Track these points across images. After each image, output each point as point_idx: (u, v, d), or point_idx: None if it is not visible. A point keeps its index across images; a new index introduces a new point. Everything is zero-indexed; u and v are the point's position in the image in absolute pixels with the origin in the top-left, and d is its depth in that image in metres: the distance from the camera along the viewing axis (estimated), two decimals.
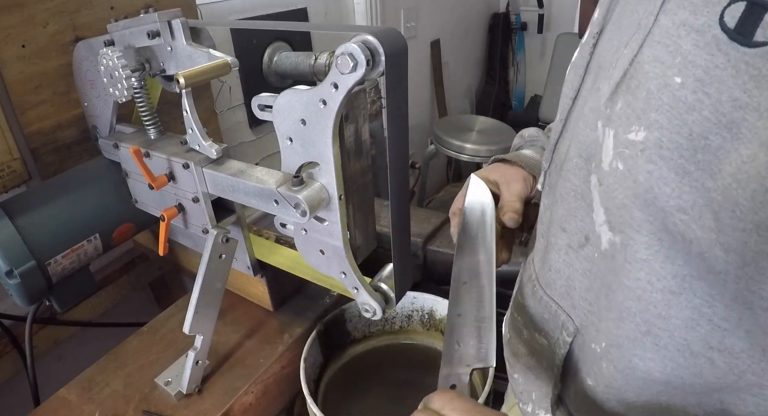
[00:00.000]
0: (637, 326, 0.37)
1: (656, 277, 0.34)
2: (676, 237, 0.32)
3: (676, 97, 0.29)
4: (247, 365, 0.78)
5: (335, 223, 0.55)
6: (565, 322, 0.45)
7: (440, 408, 0.40)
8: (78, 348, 1.01)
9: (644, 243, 0.34)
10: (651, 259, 0.34)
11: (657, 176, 0.31)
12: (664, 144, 0.30)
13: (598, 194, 0.37)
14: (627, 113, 0.33)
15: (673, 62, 0.30)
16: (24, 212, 0.71)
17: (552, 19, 2.75)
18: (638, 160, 0.32)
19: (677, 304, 0.34)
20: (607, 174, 0.36)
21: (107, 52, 0.63)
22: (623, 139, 0.33)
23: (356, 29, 0.51)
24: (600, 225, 0.38)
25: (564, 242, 0.44)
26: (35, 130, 0.83)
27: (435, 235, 1.06)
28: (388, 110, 0.47)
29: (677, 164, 0.30)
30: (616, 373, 0.40)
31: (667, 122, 0.30)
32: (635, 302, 0.36)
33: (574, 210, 0.42)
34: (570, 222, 0.43)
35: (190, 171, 0.64)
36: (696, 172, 0.29)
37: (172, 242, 0.85)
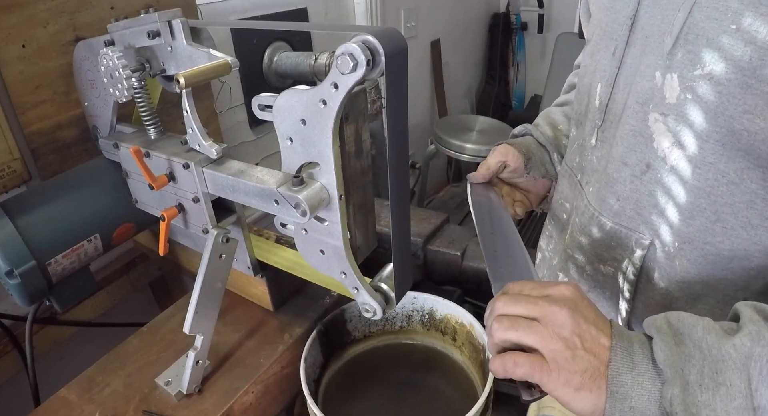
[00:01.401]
0: (707, 217, 0.49)
1: (721, 174, 0.46)
2: (741, 135, 0.44)
3: (734, 37, 0.42)
4: (248, 365, 0.78)
5: (335, 223, 0.55)
6: (639, 238, 0.55)
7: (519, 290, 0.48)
8: (78, 348, 1.01)
9: (711, 149, 0.46)
10: (717, 161, 0.46)
11: (725, 93, 0.43)
12: (729, 70, 0.43)
13: (663, 124, 0.49)
14: (690, 58, 0.46)
15: (726, 16, 0.42)
16: (24, 212, 0.71)
17: (552, 19, 2.75)
18: (708, 86, 0.44)
19: (739, 191, 0.46)
20: (674, 106, 0.48)
21: (107, 52, 0.63)
22: (689, 76, 0.46)
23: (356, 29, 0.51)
24: (665, 149, 0.50)
25: (628, 174, 0.54)
26: (35, 130, 0.83)
27: (435, 235, 1.06)
28: (388, 110, 0.47)
29: (741, 81, 0.42)
30: (689, 265, 0.51)
31: (730, 55, 0.42)
32: (705, 199, 0.48)
33: (634, 146, 0.53)
34: (630, 156, 0.53)
35: (190, 171, 0.64)
36: (756, 83, 0.42)
37: (172, 242, 0.85)
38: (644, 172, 0.53)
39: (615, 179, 0.56)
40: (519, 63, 2.90)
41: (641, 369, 0.40)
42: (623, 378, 0.40)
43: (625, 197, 0.55)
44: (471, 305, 1.05)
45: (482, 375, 0.80)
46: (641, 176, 0.53)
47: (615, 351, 0.41)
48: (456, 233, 1.07)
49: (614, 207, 0.57)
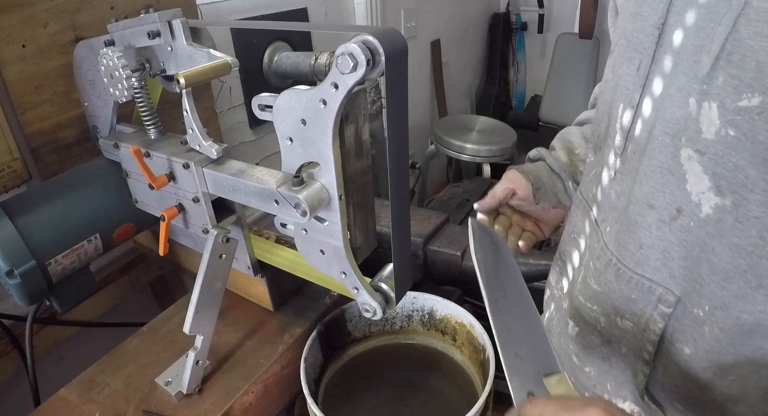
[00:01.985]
0: (747, 282, 0.41)
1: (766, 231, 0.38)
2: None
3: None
4: (248, 365, 0.78)
5: (335, 223, 0.55)
6: (663, 294, 0.47)
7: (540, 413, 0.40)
8: (78, 348, 1.01)
9: (756, 202, 0.38)
10: (763, 216, 0.38)
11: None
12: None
13: (698, 164, 0.41)
14: (733, 84, 0.37)
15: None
16: (24, 212, 0.71)
17: (552, 19, 2.75)
18: (755, 123, 0.36)
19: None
20: (713, 143, 0.39)
21: (107, 52, 0.63)
22: (732, 107, 0.37)
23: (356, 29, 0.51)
24: (699, 194, 0.41)
25: (653, 219, 0.46)
26: (35, 130, 0.83)
27: (435, 235, 1.06)
28: (388, 110, 0.47)
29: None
30: (721, 334, 0.43)
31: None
32: (745, 259, 0.40)
33: (662, 186, 0.44)
34: (658, 198, 0.45)
35: (190, 171, 0.64)
36: None
37: (173, 242, 0.85)
38: (674, 218, 0.44)
39: (638, 223, 0.47)
40: (519, 63, 2.90)
41: None
42: None
43: (649, 245, 0.47)
44: (471, 305, 1.05)
45: (482, 375, 0.80)
46: (670, 223, 0.44)
47: None
48: (456, 233, 1.07)
49: (636, 255, 0.48)
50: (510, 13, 2.75)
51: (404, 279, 0.60)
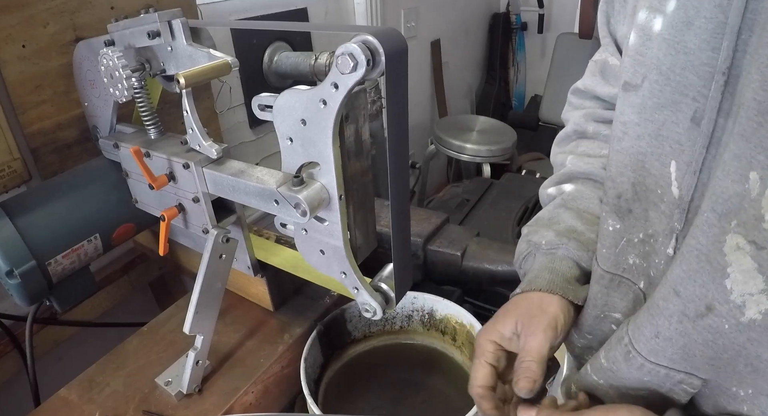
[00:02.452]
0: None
1: None
2: None
3: None
4: (248, 365, 0.78)
5: (335, 223, 0.55)
6: (685, 378, 0.40)
7: None
8: (78, 348, 1.01)
9: None
10: None
11: None
12: None
13: (751, 259, 0.33)
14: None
15: None
16: (24, 212, 0.71)
17: (552, 19, 2.75)
18: None
19: None
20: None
21: (107, 52, 0.63)
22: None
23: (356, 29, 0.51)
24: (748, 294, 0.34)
25: (677, 309, 0.38)
26: (35, 130, 0.83)
27: (435, 235, 1.06)
28: (388, 110, 0.47)
29: None
30: None
31: None
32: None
33: (695, 274, 0.37)
34: (687, 286, 0.37)
35: (190, 171, 0.64)
36: None
37: (173, 242, 0.85)
38: (701, 315, 0.37)
39: (659, 308, 0.40)
40: (519, 63, 2.90)
41: None
42: None
43: (667, 337, 0.40)
44: (471, 305, 1.05)
45: None
46: (695, 320, 0.37)
47: None
48: (456, 233, 1.07)
49: (651, 343, 0.41)
50: (510, 13, 2.75)
51: (404, 279, 0.60)
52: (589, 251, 0.53)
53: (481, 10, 2.67)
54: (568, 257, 0.53)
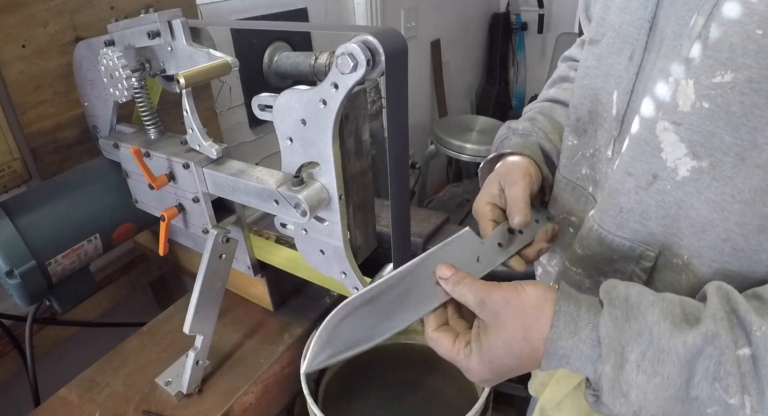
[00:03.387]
0: (717, 234, 0.45)
1: (737, 190, 0.43)
2: (764, 150, 0.41)
3: (761, 44, 0.39)
4: (248, 365, 0.78)
5: (335, 223, 0.55)
6: (644, 251, 0.51)
7: None
8: (78, 348, 1.01)
9: (730, 163, 0.43)
10: (734, 176, 0.43)
11: (749, 104, 0.41)
12: (754, 79, 0.40)
13: (673, 134, 0.46)
14: (709, 63, 0.42)
15: (751, 20, 0.39)
16: (24, 212, 0.71)
17: (552, 19, 2.75)
18: (728, 96, 0.42)
19: (751, 213, 0.43)
20: (689, 114, 0.44)
21: (107, 52, 0.63)
22: (707, 83, 0.43)
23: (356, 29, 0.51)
24: (676, 159, 0.46)
25: (632, 185, 0.50)
26: (35, 130, 0.83)
27: (435, 235, 1.06)
28: (388, 110, 0.47)
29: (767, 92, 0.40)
30: (696, 281, 0.48)
31: (756, 63, 0.40)
32: (719, 214, 0.45)
33: (640, 155, 0.49)
34: (635, 166, 0.49)
35: (190, 171, 0.64)
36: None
37: (173, 242, 0.85)
38: (651, 183, 0.49)
39: (618, 190, 0.52)
40: (519, 63, 2.90)
41: (583, 335, 0.41)
42: (563, 343, 0.42)
43: (629, 209, 0.51)
44: None
45: None
46: (647, 188, 0.49)
47: (558, 316, 0.42)
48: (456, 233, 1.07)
49: (617, 219, 0.52)
50: (510, 13, 2.75)
51: None
52: (551, 144, 0.66)
53: (481, 10, 2.67)
54: (538, 143, 0.67)
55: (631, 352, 0.39)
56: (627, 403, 0.40)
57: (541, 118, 0.70)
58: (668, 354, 0.38)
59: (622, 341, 0.40)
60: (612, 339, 0.40)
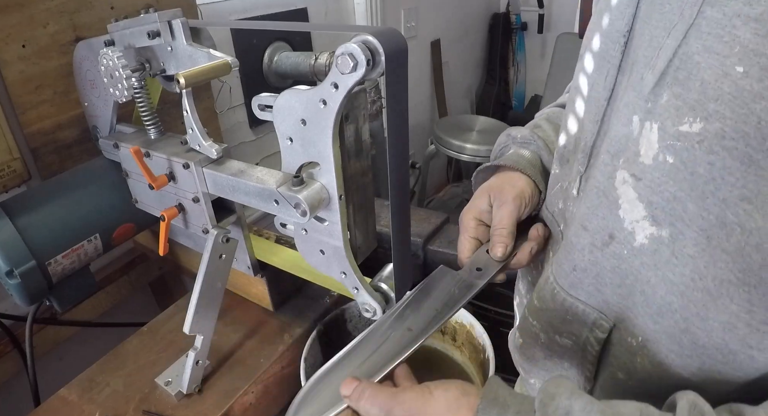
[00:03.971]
0: (676, 322, 0.37)
1: (699, 276, 0.34)
2: (733, 231, 0.32)
3: (740, 86, 0.29)
4: (248, 365, 0.78)
5: (335, 223, 0.55)
6: (597, 320, 0.44)
7: None
8: (78, 348, 1.01)
9: (693, 239, 0.34)
10: (697, 256, 0.34)
11: (719, 167, 0.31)
12: (727, 134, 0.30)
13: (632, 190, 0.37)
14: (676, 104, 0.33)
15: (731, 52, 0.29)
16: (24, 212, 0.71)
17: (552, 19, 2.75)
18: (695, 152, 0.32)
19: (715, 307, 0.34)
20: (650, 168, 0.35)
21: (107, 52, 0.63)
22: (673, 131, 0.33)
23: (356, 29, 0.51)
24: (633, 222, 0.38)
25: (587, 241, 0.43)
26: (35, 130, 0.83)
27: (435, 235, 1.06)
28: (388, 110, 0.47)
29: (743, 153, 0.30)
30: (651, 368, 0.41)
31: (730, 112, 0.30)
32: (678, 298, 0.36)
33: (596, 208, 0.41)
34: (591, 220, 0.42)
35: (190, 171, 0.64)
36: (764, 160, 0.29)
37: (173, 242, 0.85)
38: (607, 243, 0.41)
39: (573, 244, 0.44)
40: (519, 63, 2.90)
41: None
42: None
43: (582, 268, 0.44)
44: (471, 305, 1.05)
45: (482, 375, 0.80)
46: (602, 248, 0.41)
47: None
48: (456, 233, 1.07)
49: (570, 277, 0.45)
50: (510, 13, 2.75)
51: (404, 279, 0.60)
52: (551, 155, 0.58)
53: (481, 10, 2.67)
54: (537, 152, 0.60)
55: None
56: None
57: (546, 124, 0.63)
58: None
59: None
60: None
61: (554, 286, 0.47)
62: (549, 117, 0.65)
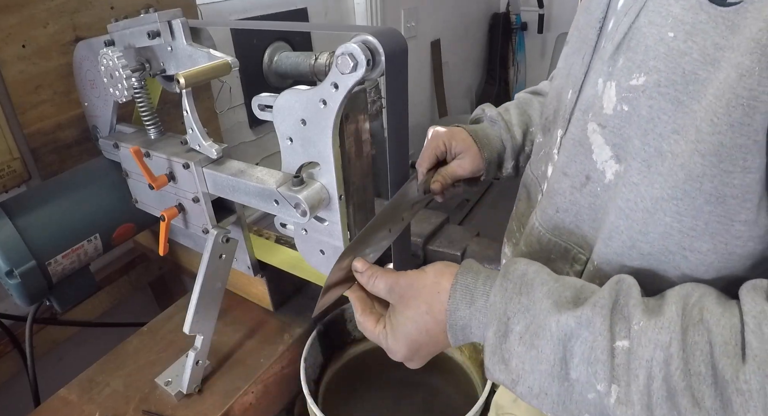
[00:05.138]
0: (623, 242, 0.45)
1: (640, 198, 0.43)
2: (666, 157, 0.40)
3: (671, 47, 0.39)
4: (248, 365, 0.78)
5: (335, 223, 0.55)
6: (576, 254, 0.52)
7: None
8: (78, 348, 1.01)
9: (637, 169, 0.43)
10: (639, 182, 0.43)
11: (657, 108, 0.40)
12: (661, 83, 0.40)
13: (600, 136, 0.46)
14: (628, 66, 0.42)
15: (666, 23, 0.39)
16: (24, 212, 0.71)
17: (552, 19, 2.75)
18: (641, 99, 0.41)
19: (653, 222, 0.43)
20: (611, 117, 0.45)
21: (107, 52, 0.63)
22: (626, 86, 0.43)
23: (356, 29, 0.51)
24: (604, 162, 0.47)
25: (567, 185, 0.51)
26: (35, 130, 0.83)
27: (435, 235, 1.06)
28: (388, 110, 0.47)
29: (673, 96, 0.39)
30: None
31: (664, 66, 0.39)
32: (624, 220, 0.45)
33: (574, 156, 0.50)
34: (570, 167, 0.50)
35: (190, 171, 0.64)
36: (687, 100, 0.38)
37: (173, 242, 0.85)
38: (584, 184, 0.49)
39: (555, 190, 0.53)
40: (519, 63, 2.90)
41: (479, 305, 0.44)
42: (461, 313, 0.44)
43: (564, 209, 0.52)
44: None
45: (482, 375, 0.80)
46: (581, 189, 0.50)
47: (455, 288, 0.45)
48: (456, 233, 1.07)
49: (554, 219, 0.54)
50: (510, 13, 2.75)
51: None
52: (509, 134, 0.74)
53: (481, 10, 2.67)
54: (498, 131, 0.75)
55: (517, 324, 0.41)
56: (507, 370, 0.42)
57: (513, 109, 0.77)
58: (543, 331, 0.40)
59: (509, 312, 0.42)
60: (497, 308, 0.42)
61: (540, 230, 0.55)
62: (518, 102, 0.80)
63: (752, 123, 0.35)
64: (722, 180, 0.38)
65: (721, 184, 0.38)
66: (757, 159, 0.36)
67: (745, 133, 0.36)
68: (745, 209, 0.38)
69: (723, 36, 0.36)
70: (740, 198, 0.38)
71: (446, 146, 0.71)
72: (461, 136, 0.72)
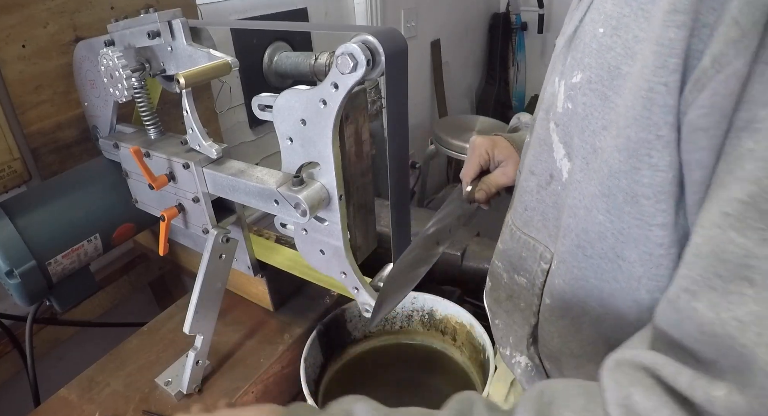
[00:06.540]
0: (572, 240, 0.45)
1: (582, 195, 0.43)
2: (598, 153, 0.40)
3: (600, 42, 0.39)
4: (248, 365, 0.78)
5: (335, 223, 0.55)
6: (543, 252, 0.52)
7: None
8: (78, 348, 1.01)
9: (579, 166, 0.43)
10: (582, 180, 0.42)
11: (589, 105, 0.41)
12: (592, 79, 0.40)
13: (556, 134, 0.46)
14: (571, 63, 0.43)
15: (599, 19, 0.40)
16: (24, 212, 0.71)
17: (552, 19, 2.75)
18: (578, 96, 0.42)
19: (591, 219, 0.42)
20: (561, 115, 0.45)
21: (107, 52, 0.63)
22: (569, 84, 0.43)
23: (356, 29, 0.51)
24: (560, 160, 0.47)
25: (534, 184, 0.52)
26: (35, 130, 0.83)
27: None
28: (388, 110, 0.47)
29: (601, 92, 0.39)
30: (565, 286, 0.48)
31: (595, 63, 0.40)
32: (572, 219, 0.44)
33: (539, 155, 0.50)
34: (537, 165, 0.51)
35: (190, 171, 0.64)
36: (612, 95, 0.38)
37: (173, 242, 0.85)
38: (548, 182, 0.49)
39: (524, 188, 0.53)
40: (519, 63, 2.90)
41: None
42: None
43: (532, 207, 0.53)
44: (471, 305, 1.05)
45: (482, 375, 0.80)
46: (546, 187, 0.50)
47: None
48: (456, 233, 1.07)
49: (523, 216, 0.54)
50: (510, 13, 2.75)
51: None
52: None
53: (481, 10, 2.67)
54: None
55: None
56: None
57: None
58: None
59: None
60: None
61: (512, 227, 0.56)
62: None
63: (651, 116, 0.34)
64: (633, 177, 0.37)
65: (633, 181, 0.37)
66: (666, 157, 0.35)
67: (645, 127, 0.35)
68: (660, 211, 0.37)
69: (641, 28, 0.36)
70: (653, 199, 0.37)
71: (489, 154, 0.71)
72: (503, 144, 0.71)
